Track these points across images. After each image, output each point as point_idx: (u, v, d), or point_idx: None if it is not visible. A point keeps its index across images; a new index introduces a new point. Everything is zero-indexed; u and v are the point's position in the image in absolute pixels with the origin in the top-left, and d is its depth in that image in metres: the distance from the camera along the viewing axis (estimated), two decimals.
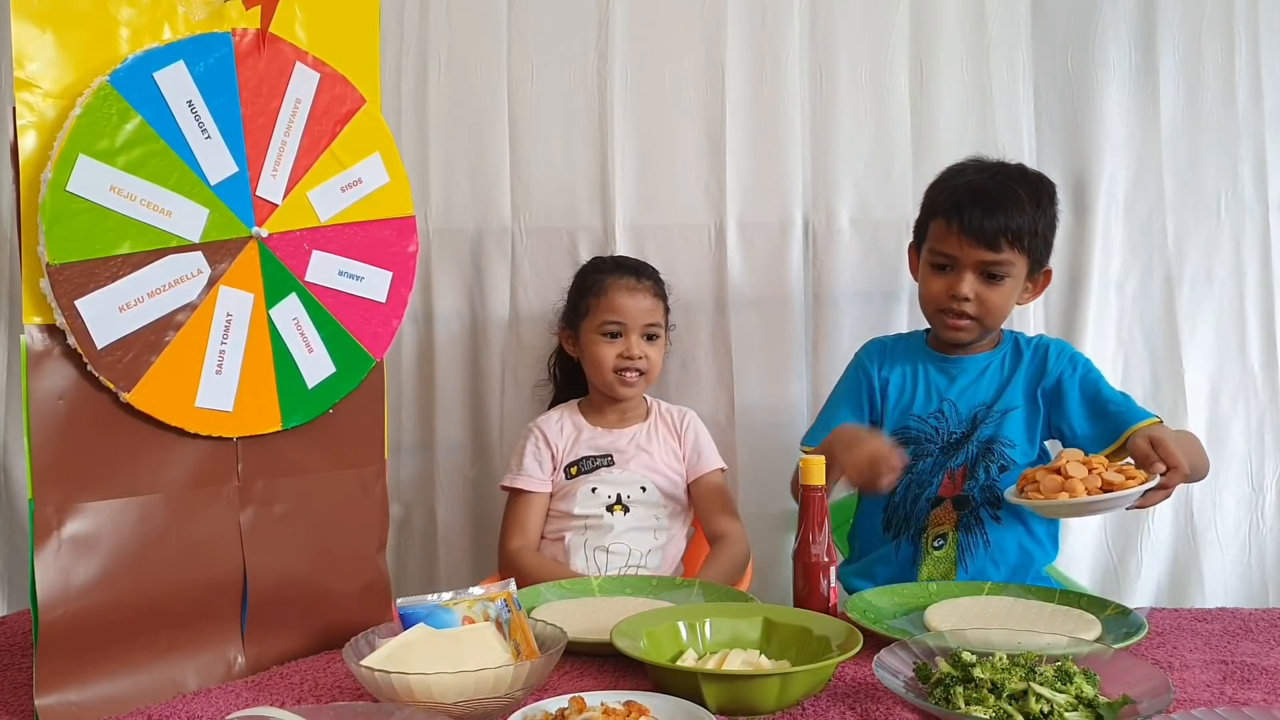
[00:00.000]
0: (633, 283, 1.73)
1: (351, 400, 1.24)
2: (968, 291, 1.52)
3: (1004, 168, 1.59)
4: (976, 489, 1.54)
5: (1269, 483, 1.93)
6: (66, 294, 0.99)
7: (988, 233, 1.50)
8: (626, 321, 1.71)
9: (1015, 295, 1.56)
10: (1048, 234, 1.56)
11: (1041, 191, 1.56)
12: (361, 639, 1.02)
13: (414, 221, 1.29)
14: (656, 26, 1.98)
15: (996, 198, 1.52)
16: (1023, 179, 1.56)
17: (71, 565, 1.01)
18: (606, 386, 1.73)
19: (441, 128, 2.01)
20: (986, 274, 1.52)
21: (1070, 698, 0.89)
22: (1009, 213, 1.50)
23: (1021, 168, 1.59)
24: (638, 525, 1.68)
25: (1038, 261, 1.56)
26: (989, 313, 1.54)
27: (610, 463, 1.72)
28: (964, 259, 1.52)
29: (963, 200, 1.53)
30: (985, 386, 1.58)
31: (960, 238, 1.52)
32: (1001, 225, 1.50)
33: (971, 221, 1.51)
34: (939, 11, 1.95)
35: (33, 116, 0.98)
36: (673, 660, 1.02)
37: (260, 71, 1.13)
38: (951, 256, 1.53)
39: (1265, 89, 1.91)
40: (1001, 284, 1.52)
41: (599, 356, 1.72)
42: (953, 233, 1.53)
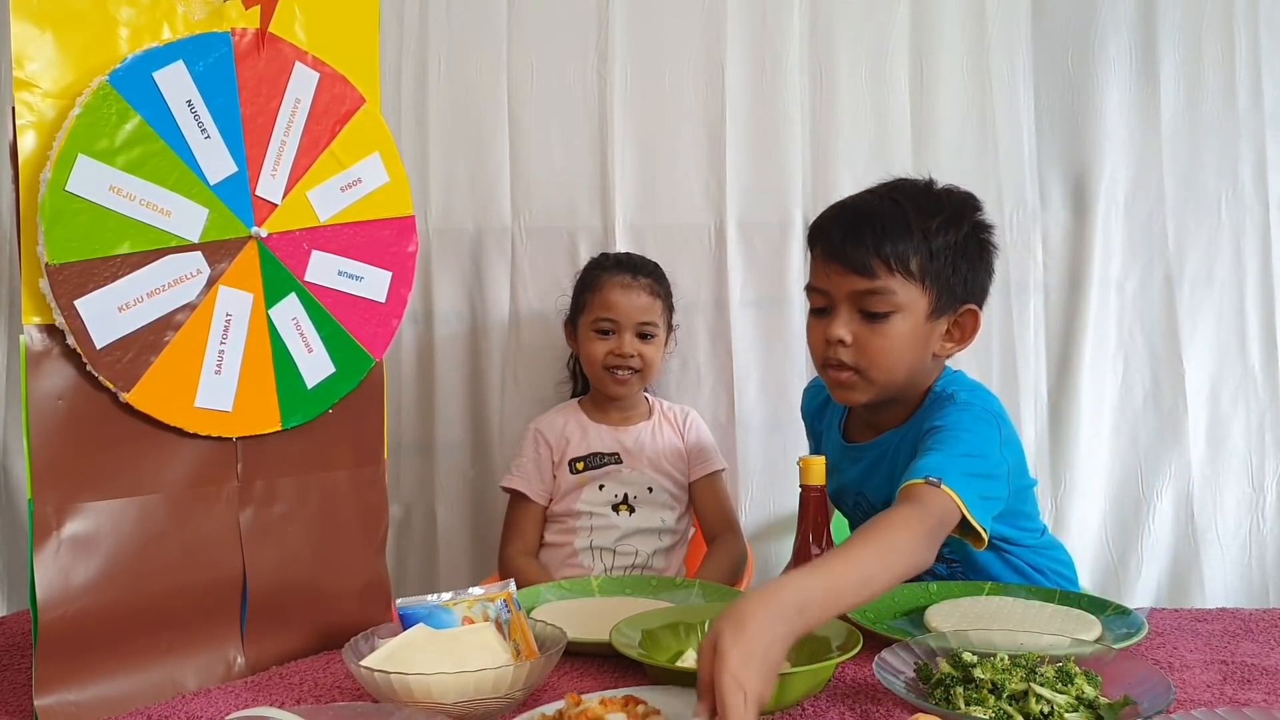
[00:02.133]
0: (628, 280, 1.73)
1: (351, 400, 1.24)
2: (841, 333, 1.23)
3: (897, 184, 1.30)
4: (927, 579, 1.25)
5: (1269, 483, 1.93)
6: (66, 294, 0.99)
7: (853, 254, 1.21)
8: (619, 319, 1.71)
9: (912, 339, 1.24)
10: (956, 261, 1.24)
11: (941, 209, 1.25)
12: (361, 639, 1.02)
13: (414, 221, 1.29)
14: (656, 26, 1.98)
15: (870, 214, 1.24)
16: (917, 194, 1.28)
17: (71, 565, 1.01)
18: (599, 383, 1.74)
19: (441, 128, 2.01)
20: (864, 312, 1.23)
21: (1070, 698, 0.89)
22: (884, 230, 1.21)
23: (926, 184, 1.30)
24: (643, 527, 1.67)
25: (946, 295, 1.24)
26: (871, 361, 1.23)
27: (618, 461, 1.72)
28: (835, 292, 1.24)
29: (825, 223, 1.28)
30: (885, 474, 1.31)
31: (828, 267, 1.24)
32: (873, 244, 1.21)
33: (834, 242, 1.24)
34: (939, 11, 1.95)
35: (32, 116, 0.98)
36: (672, 660, 1.02)
37: (260, 71, 1.13)
38: (824, 291, 1.26)
39: (1265, 89, 1.91)
40: (885, 322, 1.22)
41: (590, 353, 1.73)
42: (820, 261, 1.27)
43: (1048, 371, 1.96)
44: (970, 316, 1.28)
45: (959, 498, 1.09)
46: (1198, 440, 1.93)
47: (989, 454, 1.21)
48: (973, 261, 1.27)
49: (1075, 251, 1.95)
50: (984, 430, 1.22)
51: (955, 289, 1.25)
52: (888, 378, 1.25)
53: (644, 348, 1.72)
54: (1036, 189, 1.95)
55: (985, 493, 1.15)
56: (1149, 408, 1.94)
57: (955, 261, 1.25)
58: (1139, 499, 1.95)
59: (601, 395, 1.77)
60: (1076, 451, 1.94)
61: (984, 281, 1.30)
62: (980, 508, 1.12)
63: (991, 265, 1.31)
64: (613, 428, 1.76)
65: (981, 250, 1.29)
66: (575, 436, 1.75)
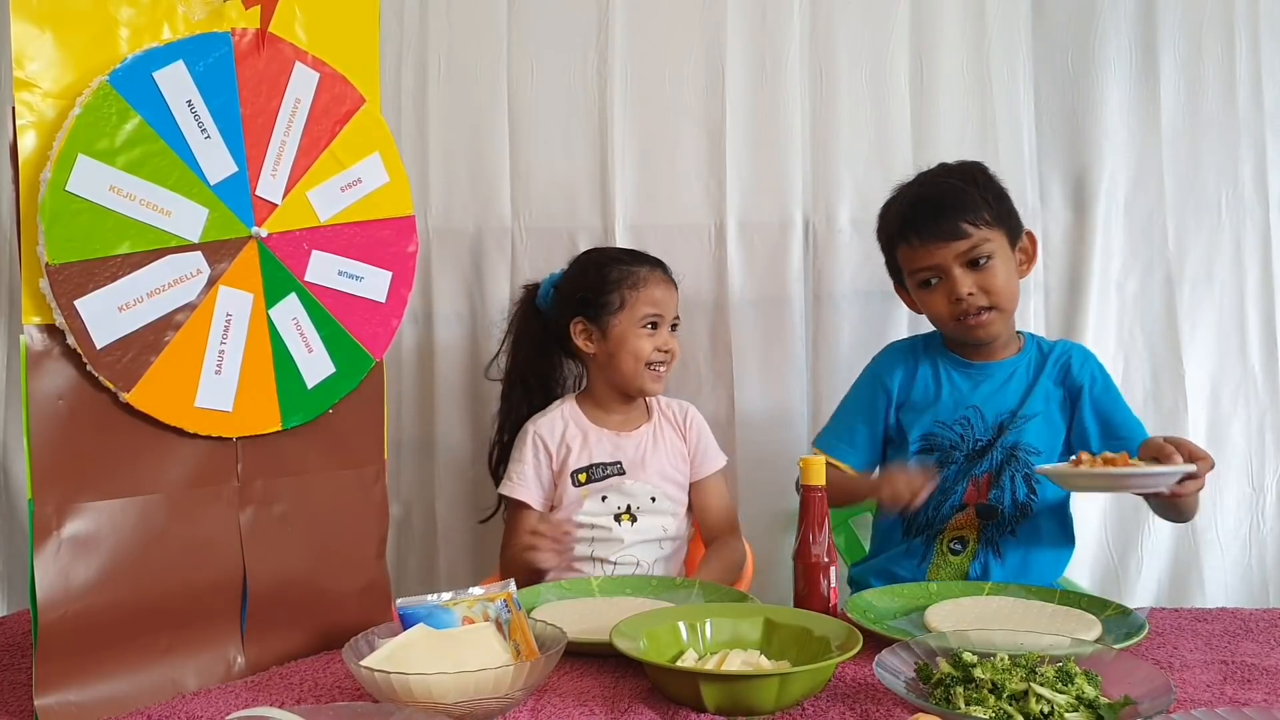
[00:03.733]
0: (663, 276, 1.71)
1: (351, 400, 1.24)
2: (969, 288, 1.51)
3: (924, 173, 1.62)
4: (1005, 498, 1.53)
5: (1269, 483, 1.93)
6: (66, 294, 0.99)
7: (947, 227, 1.51)
8: (666, 313, 1.68)
9: (1010, 269, 1.55)
10: (1001, 202, 1.56)
11: (971, 172, 1.58)
12: (361, 639, 1.02)
13: (414, 221, 1.29)
14: (656, 26, 1.98)
15: (935, 195, 1.55)
16: (947, 171, 1.60)
17: (71, 565, 1.01)
18: (635, 380, 1.67)
19: (441, 128, 2.01)
20: (973, 264, 1.52)
21: (1071, 698, 0.89)
22: (953, 200, 1.52)
23: (941, 165, 1.63)
24: (644, 537, 1.65)
25: (1011, 230, 1.56)
26: (998, 296, 1.53)
27: (621, 471, 1.67)
28: (945, 263, 1.52)
29: (908, 216, 1.56)
30: (1011, 393, 1.57)
31: (929, 247, 1.53)
32: (954, 213, 1.51)
33: (928, 227, 1.53)
34: (939, 11, 1.95)
35: (32, 116, 0.98)
36: (672, 660, 1.02)
37: (260, 71, 1.13)
38: (933, 267, 1.54)
39: (1266, 88, 1.91)
40: (991, 264, 1.52)
41: (638, 350, 1.65)
42: (920, 247, 1.54)
43: None
44: (1030, 240, 1.59)
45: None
46: (1198, 439, 1.92)
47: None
48: (1010, 201, 1.59)
49: (1075, 251, 1.95)
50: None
51: (1014, 224, 1.57)
52: (1011, 302, 1.56)
53: (673, 341, 1.71)
54: (1037, 188, 1.95)
55: None
56: (1149, 407, 1.94)
57: (1004, 204, 1.56)
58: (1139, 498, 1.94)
59: (614, 396, 1.70)
60: None
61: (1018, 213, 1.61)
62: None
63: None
64: (614, 433, 1.70)
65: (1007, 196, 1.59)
66: (576, 443, 1.68)
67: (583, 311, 1.70)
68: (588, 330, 1.70)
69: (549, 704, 0.98)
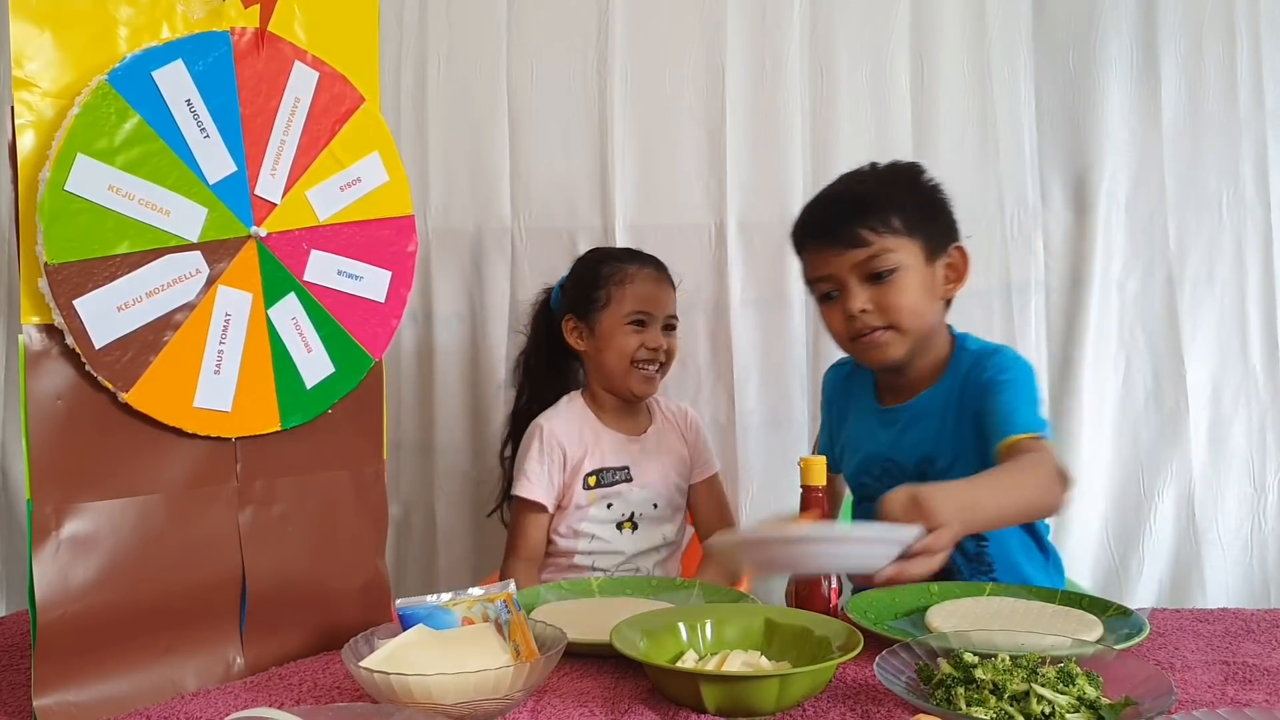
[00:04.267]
0: (654, 273, 1.69)
1: (351, 400, 1.23)
2: (862, 303, 1.33)
3: (848, 174, 1.44)
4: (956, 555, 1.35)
5: (1270, 483, 1.93)
6: (65, 294, 0.99)
7: (842, 232, 1.33)
8: (654, 311, 1.66)
9: (922, 288, 1.35)
10: (924, 209, 1.37)
11: (897, 173, 1.41)
12: (361, 639, 1.02)
13: (413, 221, 1.29)
14: (656, 27, 1.98)
15: (839, 196, 1.39)
16: (869, 173, 1.42)
17: (70, 566, 1.00)
18: (623, 380, 1.65)
19: (441, 128, 2.01)
20: (872, 277, 1.33)
21: (1072, 699, 0.89)
22: (857, 202, 1.35)
23: (871, 165, 1.43)
24: (644, 546, 1.65)
25: (931, 240, 1.36)
26: (896, 314, 1.33)
27: (628, 478, 1.65)
28: (840, 273, 1.35)
29: (805, 217, 1.41)
30: (926, 438, 1.38)
31: (824, 253, 1.36)
32: (853, 216, 1.33)
33: (822, 230, 1.37)
34: (939, 11, 1.95)
35: (31, 116, 0.98)
36: (672, 661, 1.02)
37: (259, 70, 1.13)
38: (829, 277, 1.36)
39: (1267, 88, 1.91)
40: (893, 278, 1.33)
41: (622, 347, 1.63)
42: (815, 253, 1.38)
43: (1049, 371, 1.96)
44: (959, 254, 1.40)
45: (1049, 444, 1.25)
46: (1199, 440, 1.93)
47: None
48: (939, 209, 1.40)
49: (1076, 251, 1.95)
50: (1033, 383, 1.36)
51: (938, 234, 1.38)
52: (915, 323, 1.35)
53: (669, 341, 1.68)
54: (1037, 188, 1.95)
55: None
56: (1150, 407, 1.94)
57: (928, 211, 1.38)
58: (1140, 499, 1.95)
59: (614, 396, 1.69)
60: (1077, 451, 1.94)
61: (954, 225, 1.42)
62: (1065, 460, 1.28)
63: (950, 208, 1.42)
64: (624, 435, 1.68)
65: (942, 200, 1.42)
66: (590, 443, 1.65)
67: (573, 309, 1.70)
68: (578, 328, 1.70)
69: (549, 704, 0.98)
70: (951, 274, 1.39)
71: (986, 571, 1.39)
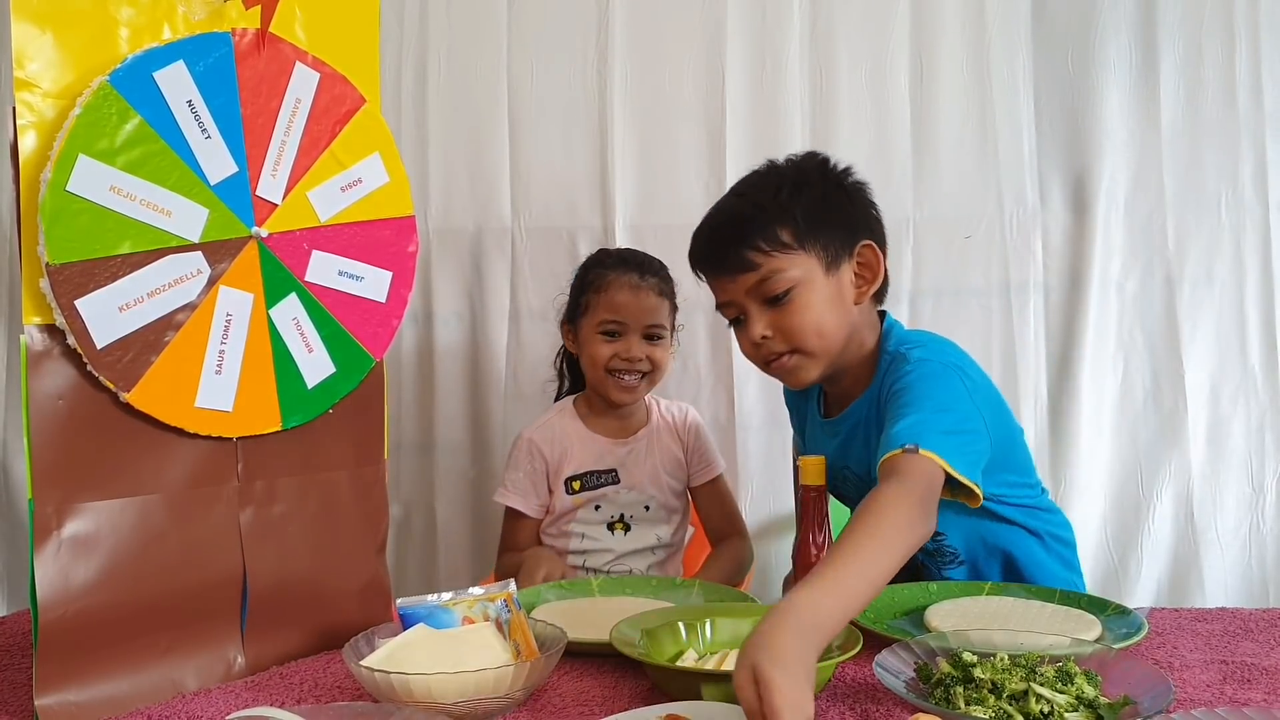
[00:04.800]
0: (635, 280, 1.65)
1: (351, 400, 1.24)
2: (761, 329, 1.26)
3: (740, 182, 1.35)
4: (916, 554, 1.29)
5: (1269, 483, 1.93)
6: (66, 294, 0.99)
7: (729, 259, 1.25)
8: (627, 321, 1.63)
9: (826, 303, 1.25)
10: (820, 212, 1.25)
11: (785, 180, 1.28)
12: (361, 639, 1.02)
13: (414, 221, 1.29)
14: (656, 26, 1.98)
15: (726, 218, 1.30)
16: (758, 180, 1.32)
17: (71, 565, 1.01)
18: (602, 388, 1.66)
19: (441, 128, 2.01)
20: (768, 300, 1.25)
21: (1071, 698, 0.89)
22: (743, 224, 1.26)
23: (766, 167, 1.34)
24: (637, 546, 1.64)
25: (831, 245, 1.25)
26: (800, 338, 1.25)
27: (615, 480, 1.65)
28: (736, 299, 1.27)
29: (695, 243, 1.32)
30: (866, 448, 1.30)
31: (718, 279, 1.29)
32: (739, 241, 1.24)
33: (710, 257, 1.29)
34: (939, 11, 1.95)
35: (32, 116, 0.98)
36: (672, 660, 1.02)
37: (260, 71, 1.13)
38: (730, 303, 1.29)
39: (1265, 89, 1.91)
40: (790, 299, 1.24)
41: (594, 356, 1.63)
42: (711, 279, 1.31)
43: (1048, 371, 1.96)
44: (870, 252, 1.28)
45: (939, 457, 1.09)
46: (1198, 440, 1.94)
47: (958, 406, 1.19)
48: (841, 205, 1.28)
49: (1075, 251, 1.95)
50: (947, 382, 1.21)
51: (838, 237, 1.26)
52: (820, 343, 1.26)
53: (652, 350, 1.64)
54: (1036, 188, 1.96)
55: (965, 446, 1.14)
56: (1149, 408, 1.95)
57: (824, 214, 1.26)
58: (1139, 499, 1.95)
59: (602, 400, 1.69)
60: (1076, 451, 1.94)
61: (865, 217, 1.30)
62: (965, 463, 1.11)
63: (866, 201, 1.31)
64: (610, 439, 1.68)
65: (847, 193, 1.30)
66: (571, 449, 1.66)
67: (568, 313, 1.72)
68: (570, 332, 1.72)
69: (549, 704, 0.98)
70: (865, 274, 1.28)
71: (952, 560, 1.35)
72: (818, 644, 0.89)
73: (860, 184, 1.32)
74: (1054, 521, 1.39)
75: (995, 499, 1.27)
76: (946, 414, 1.17)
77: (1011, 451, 1.33)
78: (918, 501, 1.05)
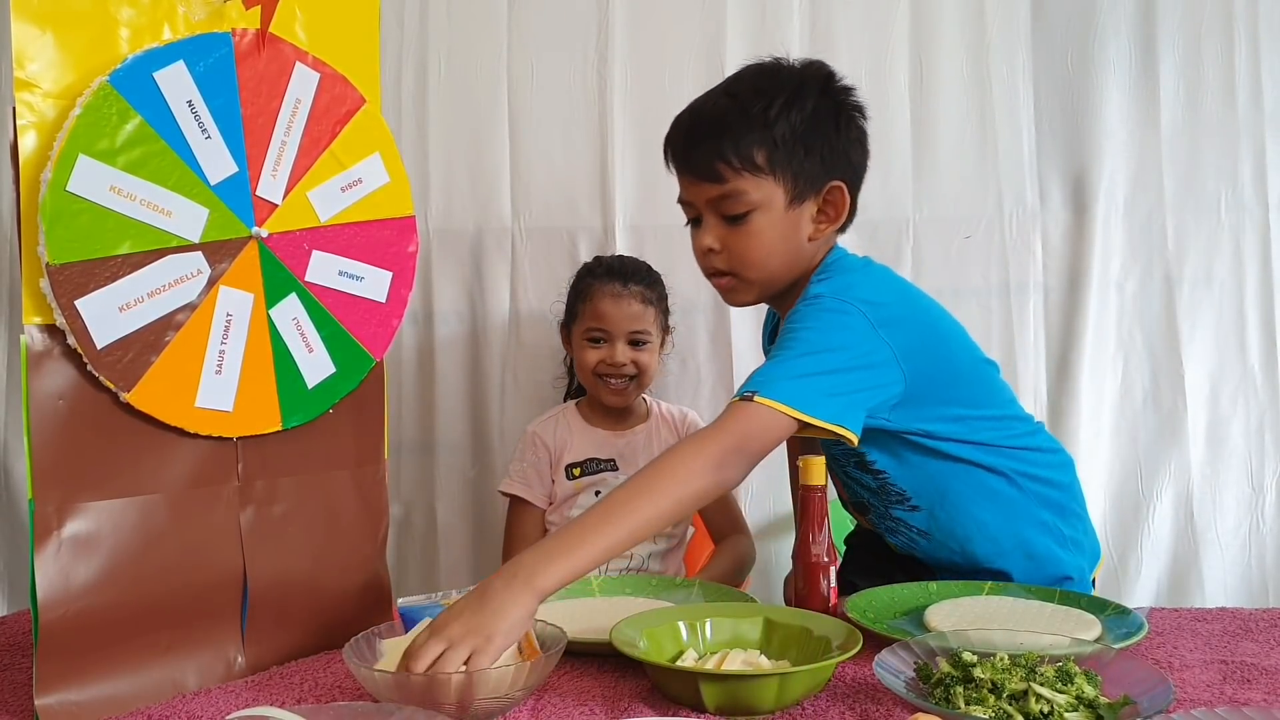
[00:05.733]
0: (618, 288, 1.71)
1: (351, 400, 1.24)
2: (710, 241, 1.22)
3: (739, 73, 1.27)
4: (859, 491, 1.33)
5: (1269, 483, 1.93)
6: (66, 294, 0.99)
7: (699, 162, 1.20)
8: (610, 328, 1.69)
9: (778, 233, 1.20)
10: (807, 142, 1.19)
11: (781, 90, 1.20)
12: (361, 639, 1.02)
13: (414, 221, 1.29)
14: (656, 26, 1.98)
15: (708, 115, 1.22)
16: (756, 80, 1.23)
17: (71, 565, 1.01)
18: (594, 391, 1.74)
19: (441, 128, 2.01)
20: (725, 216, 1.21)
21: (1070, 698, 0.89)
22: (722, 130, 1.19)
23: (769, 65, 1.25)
24: None
25: (803, 181, 1.19)
26: (742, 262, 1.22)
27: (614, 467, 1.71)
28: (697, 201, 1.23)
29: (673, 131, 1.26)
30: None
31: (683, 176, 1.24)
32: (714, 148, 1.18)
33: (682, 153, 1.23)
34: (939, 11, 1.95)
35: (33, 116, 0.98)
36: (673, 660, 1.02)
37: (260, 71, 1.13)
38: (690, 204, 1.25)
39: (1265, 89, 1.91)
40: (746, 222, 1.19)
41: (583, 362, 1.72)
42: (678, 172, 1.25)
43: (1047, 371, 1.96)
44: (838, 193, 1.22)
45: (781, 404, 1.09)
46: (1197, 440, 1.94)
47: (840, 346, 1.15)
48: (827, 136, 1.21)
49: (1075, 251, 1.95)
50: (832, 319, 1.17)
51: (812, 170, 1.20)
52: (761, 274, 1.23)
53: (637, 355, 1.70)
54: (1036, 189, 1.96)
55: (837, 388, 1.13)
56: (1148, 408, 1.95)
57: (806, 143, 1.19)
58: (1139, 499, 1.95)
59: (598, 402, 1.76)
60: (1076, 451, 1.94)
61: (848, 153, 1.24)
62: (828, 405, 1.11)
63: (857, 132, 1.25)
64: (609, 432, 1.75)
65: (838, 121, 1.23)
66: (572, 441, 1.74)
67: (564, 320, 1.80)
68: (566, 339, 1.79)
69: (549, 704, 0.98)
70: (828, 212, 1.23)
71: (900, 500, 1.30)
72: (532, 605, 0.98)
73: (858, 108, 1.26)
74: (1034, 460, 1.31)
75: (926, 434, 1.24)
76: (813, 357, 1.14)
77: (956, 384, 1.27)
78: (717, 451, 1.08)
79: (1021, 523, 1.30)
